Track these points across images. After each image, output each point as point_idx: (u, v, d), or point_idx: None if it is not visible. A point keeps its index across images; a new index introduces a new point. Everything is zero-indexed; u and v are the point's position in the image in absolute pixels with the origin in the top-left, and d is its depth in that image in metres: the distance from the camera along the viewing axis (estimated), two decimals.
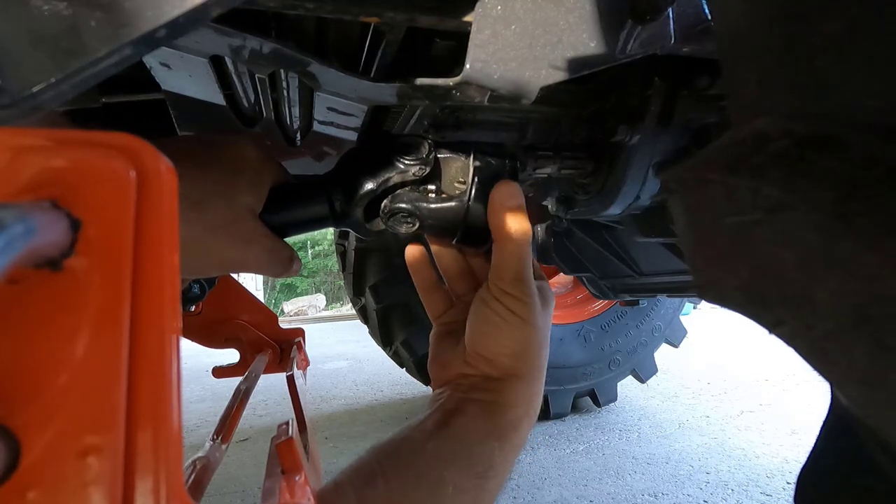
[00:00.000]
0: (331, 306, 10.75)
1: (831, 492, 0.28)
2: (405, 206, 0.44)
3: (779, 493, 1.38)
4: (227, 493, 1.51)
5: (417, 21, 0.37)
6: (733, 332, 3.74)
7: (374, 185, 0.44)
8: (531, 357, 0.43)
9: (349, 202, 0.44)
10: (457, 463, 0.39)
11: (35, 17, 0.22)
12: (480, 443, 0.40)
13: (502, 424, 0.41)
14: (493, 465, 0.40)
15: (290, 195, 0.46)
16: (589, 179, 0.61)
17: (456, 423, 0.40)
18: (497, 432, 0.41)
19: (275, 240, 0.44)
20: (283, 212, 0.45)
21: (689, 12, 0.42)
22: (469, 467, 0.39)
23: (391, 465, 0.38)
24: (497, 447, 0.40)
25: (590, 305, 2.05)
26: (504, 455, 0.41)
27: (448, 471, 0.38)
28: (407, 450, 0.39)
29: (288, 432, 0.38)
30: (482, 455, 0.40)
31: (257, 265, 0.44)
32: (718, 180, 0.22)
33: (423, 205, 0.44)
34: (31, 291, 0.15)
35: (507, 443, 0.41)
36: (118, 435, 0.15)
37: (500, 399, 0.42)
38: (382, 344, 1.95)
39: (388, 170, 0.44)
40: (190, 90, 0.58)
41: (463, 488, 0.38)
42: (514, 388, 0.42)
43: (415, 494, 0.37)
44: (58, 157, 0.16)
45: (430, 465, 0.38)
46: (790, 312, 0.20)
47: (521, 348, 0.42)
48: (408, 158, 0.43)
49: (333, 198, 0.45)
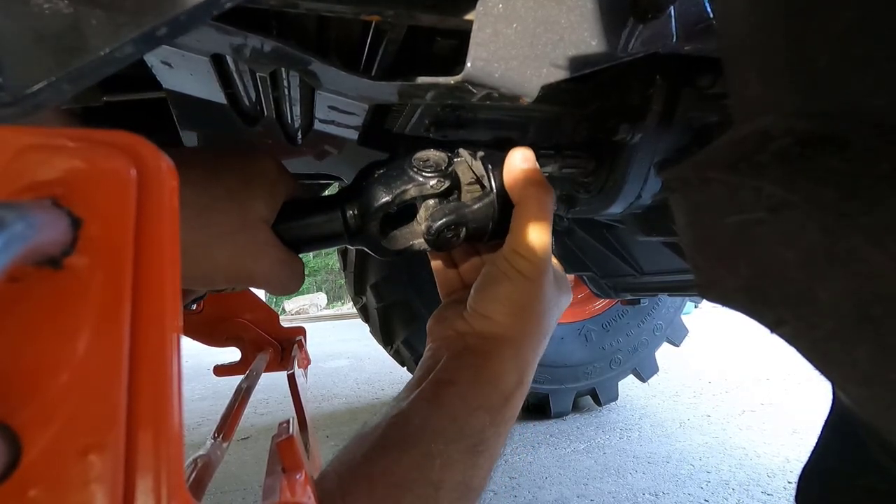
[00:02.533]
0: (332, 305, 10.76)
1: (833, 491, 0.28)
2: (452, 218, 0.43)
3: (780, 493, 1.38)
4: (228, 491, 1.51)
5: (418, 19, 0.36)
6: (735, 332, 3.73)
7: (390, 198, 0.43)
8: (527, 320, 0.42)
9: (364, 216, 0.43)
10: (445, 435, 0.38)
11: (36, 16, 0.22)
12: (471, 416, 0.39)
13: (494, 397, 0.41)
14: (484, 439, 0.39)
15: (303, 209, 0.45)
16: (590, 178, 0.61)
17: (446, 395, 0.39)
18: (488, 405, 0.40)
19: (287, 252, 0.43)
20: (295, 225, 0.44)
21: (691, 11, 0.41)
22: (459, 440, 0.38)
23: (377, 444, 0.37)
24: (489, 421, 0.40)
25: (591, 304, 2.05)
26: (496, 429, 0.40)
27: (436, 443, 0.37)
28: (394, 425, 0.38)
29: (289, 431, 0.38)
30: (473, 428, 0.39)
31: (265, 277, 0.42)
32: (720, 179, 0.22)
33: (465, 210, 0.43)
34: (32, 290, 0.15)
35: (499, 415, 0.41)
36: (119, 433, 0.15)
37: (491, 366, 0.41)
38: (383, 343, 1.95)
39: (404, 182, 0.43)
40: (191, 89, 0.58)
41: (451, 461, 0.37)
42: (507, 351, 0.41)
43: (398, 469, 0.36)
44: (58, 155, 0.16)
45: (417, 438, 0.37)
46: (792, 312, 0.20)
47: (518, 307, 0.41)
48: (426, 172, 0.43)
49: (348, 211, 0.44)
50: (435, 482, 0.36)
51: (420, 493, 0.36)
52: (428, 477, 0.36)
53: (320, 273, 12.73)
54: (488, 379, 0.41)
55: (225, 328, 1.03)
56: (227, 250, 0.40)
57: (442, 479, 0.36)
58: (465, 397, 0.40)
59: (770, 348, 2.94)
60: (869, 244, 0.17)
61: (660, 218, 0.69)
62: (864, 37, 0.18)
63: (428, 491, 0.36)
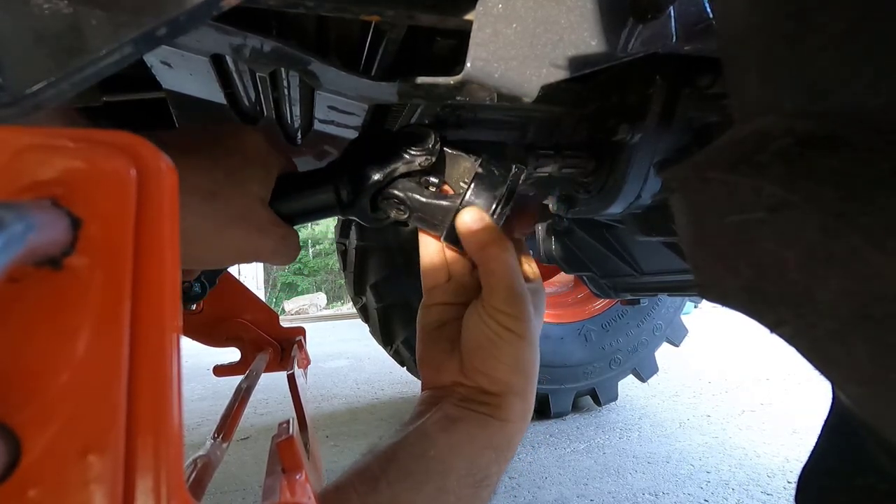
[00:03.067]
0: (332, 305, 10.75)
1: (832, 491, 0.28)
2: (398, 194, 0.44)
3: (780, 493, 1.38)
4: (227, 491, 1.51)
5: (418, 20, 0.36)
6: (734, 332, 3.73)
7: (381, 177, 0.44)
8: (527, 372, 0.43)
9: (356, 192, 0.45)
10: (457, 472, 0.39)
11: (36, 16, 0.22)
12: (479, 455, 0.40)
13: (498, 437, 0.42)
14: (489, 475, 0.40)
15: (297, 184, 0.46)
16: (590, 178, 0.61)
17: (458, 433, 0.40)
18: (494, 445, 0.41)
19: (286, 227, 0.45)
20: (290, 200, 0.46)
21: (691, 11, 0.41)
22: (468, 476, 0.39)
23: (394, 470, 0.38)
24: (494, 458, 0.41)
25: (590, 304, 2.05)
26: (499, 465, 0.42)
27: (449, 480, 0.38)
28: (409, 455, 0.39)
29: (289, 431, 0.38)
30: (480, 465, 0.40)
31: (271, 253, 0.45)
32: (720, 179, 0.22)
33: (416, 196, 0.44)
34: (32, 290, 0.15)
35: (502, 454, 0.42)
36: (119, 433, 0.15)
37: (498, 414, 0.42)
38: (383, 343, 1.95)
39: (394, 160, 0.44)
40: (191, 89, 0.58)
41: (462, 495, 0.39)
42: (511, 403, 0.42)
43: (419, 499, 0.37)
44: (58, 155, 0.16)
45: (432, 471, 0.38)
46: (791, 312, 0.20)
47: (518, 365, 0.42)
48: (414, 149, 0.43)
49: (340, 187, 0.45)
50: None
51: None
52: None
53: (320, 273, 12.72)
54: (497, 422, 0.42)
55: (225, 328, 1.03)
56: (238, 234, 0.42)
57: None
58: (475, 438, 0.41)
59: (770, 348, 2.94)
60: (869, 244, 0.17)
61: (660, 218, 0.69)
62: (864, 36, 0.18)
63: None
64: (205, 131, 0.45)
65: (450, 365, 0.44)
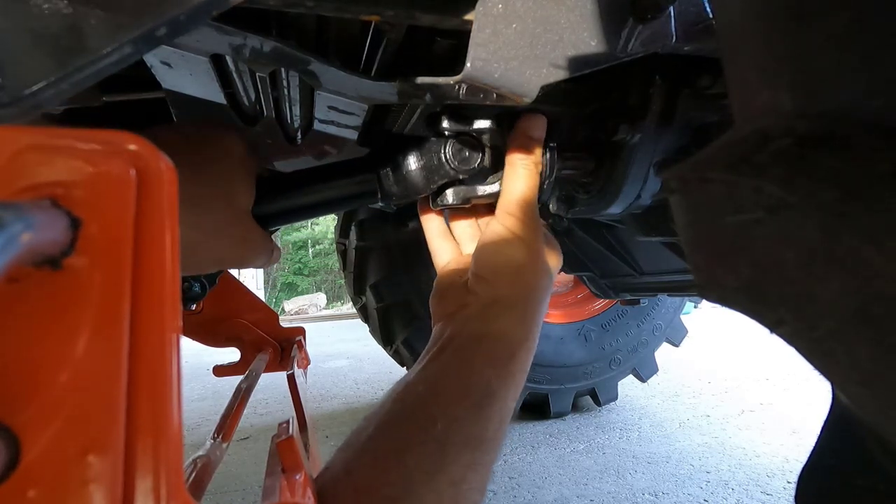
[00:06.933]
0: (331, 305, 10.75)
1: (832, 491, 0.28)
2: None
3: (779, 493, 1.38)
4: (227, 491, 1.51)
5: (418, 20, 0.36)
6: (734, 332, 3.73)
7: (428, 191, 0.49)
8: (528, 283, 0.44)
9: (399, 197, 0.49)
10: (448, 395, 0.38)
11: (35, 16, 0.22)
12: (474, 374, 0.39)
13: (498, 351, 0.41)
14: (490, 393, 0.39)
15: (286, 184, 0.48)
16: (590, 178, 0.60)
17: (447, 355, 0.40)
18: (493, 360, 0.40)
19: (265, 235, 0.46)
20: (276, 202, 0.47)
21: (691, 11, 0.41)
22: (464, 398, 0.38)
23: (381, 421, 0.37)
24: (493, 375, 0.40)
25: (590, 304, 2.05)
26: (502, 381, 0.40)
27: (438, 405, 0.37)
28: (397, 400, 0.39)
29: (288, 431, 0.38)
30: (478, 385, 0.39)
31: (251, 260, 0.46)
32: (720, 179, 0.22)
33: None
34: (32, 290, 0.15)
35: (504, 370, 0.41)
36: (118, 434, 0.15)
37: (495, 328, 0.42)
38: (383, 343, 1.95)
39: (441, 176, 0.48)
40: (191, 89, 0.58)
41: (457, 417, 0.37)
42: (510, 317, 0.43)
43: (400, 434, 0.36)
44: (58, 156, 0.16)
45: (419, 404, 0.38)
46: (791, 312, 0.20)
47: (520, 271, 0.43)
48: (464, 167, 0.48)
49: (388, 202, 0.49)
50: (440, 439, 0.36)
51: (422, 449, 0.35)
52: (431, 435, 0.36)
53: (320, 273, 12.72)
54: (493, 337, 0.42)
55: (225, 328, 1.03)
56: (221, 244, 0.42)
57: (447, 436, 0.36)
58: (467, 357, 0.40)
59: (770, 348, 2.94)
60: (869, 244, 0.17)
61: (660, 218, 0.69)
62: (864, 36, 0.18)
63: (431, 447, 0.35)
64: (181, 136, 0.44)
65: (455, 291, 0.46)
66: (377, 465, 0.34)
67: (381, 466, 0.34)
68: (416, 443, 0.35)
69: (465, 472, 0.36)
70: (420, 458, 0.35)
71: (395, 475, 0.34)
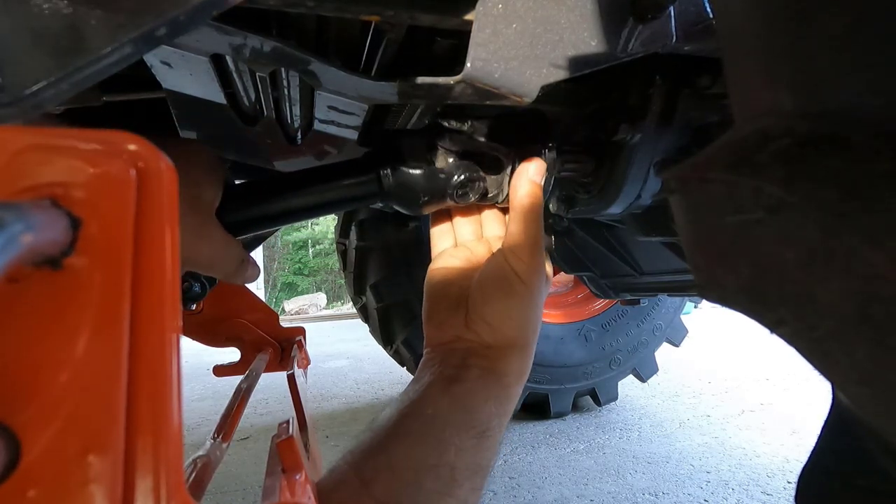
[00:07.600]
0: (331, 305, 10.76)
1: (832, 492, 0.28)
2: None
3: (779, 493, 1.38)
4: (227, 491, 1.51)
5: (418, 20, 0.36)
6: (734, 332, 3.73)
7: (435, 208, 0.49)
8: (532, 329, 0.45)
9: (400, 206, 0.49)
10: (457, 425, 0.40)
11: (35, 16, 0.22)
12: (479, 408, 0.42)
13: (498, 390, 0.43)
14: (490, 426, 0.42)
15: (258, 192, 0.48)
16: (590, 178, 0.60)
17: (455, 390, 0.42)
18: (493, 397, 0.43)
19: (229, 238, 0.46)
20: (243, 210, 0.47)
21: (691, 11, 0.41)
22: (469, 429, 0.40)
23: (389, 435, 0.39)
24: (495, 411, 0.42)
25: (590, 304, 2.05)
26: (499, 415, 0.43)
27: (449, 432, 0.39)
28: (405, 416, 0.40)
29: (288, 431, 0.38)
30: (481, 418, 0.41)
31: (216, 263, 0.45)
32: (720, 179, 0.22)
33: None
34: (32, 290, 0.15)
35: (502, 406, 0.43)
36: (118, 434, 0.15)
37: (498, 367, 0.43)
38: (383, 343, 1.95)
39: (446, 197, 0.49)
40: (191, 89, 0.58)
41: (464, 446, 0.40)
42: (512, 357, 0.44)
43: (417, 454, 0.38)
44: (58, 156, 0.16)
45: (430, 426, 0.40)
46: (791, 312, 0.20)
47: (526, 319, 0.44)
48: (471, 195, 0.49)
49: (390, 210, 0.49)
50: (451, 465, 0.39)
51: (437, 472, 0.38)
52: (445, 461, 0.38)
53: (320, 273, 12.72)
54: (495, 377, 0.43)
55: (225, 328, 1.03)
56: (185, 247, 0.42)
57: (456, 462, 0.39)
58: (473, 392, 0.42)
59: (770, 348, 2.94)
60: (869, 244, 0.17)
61: (660, 218, 0.69)
62: (864, 36, 0.18)
63: (445, 472, 0.38)
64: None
65: (453, 321, 0.46)
66: (396, 481, 0.37)
67: (400, 482, 0.37)
68: (431, 465, 0.38)
69: (468, 496, 0.39)
70: (435, 480, 0.38)
71: (413, 492, 0.37)
